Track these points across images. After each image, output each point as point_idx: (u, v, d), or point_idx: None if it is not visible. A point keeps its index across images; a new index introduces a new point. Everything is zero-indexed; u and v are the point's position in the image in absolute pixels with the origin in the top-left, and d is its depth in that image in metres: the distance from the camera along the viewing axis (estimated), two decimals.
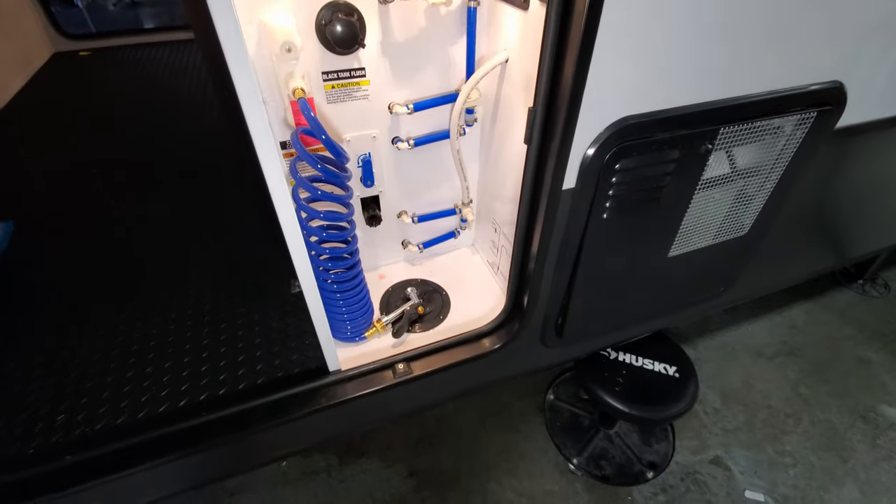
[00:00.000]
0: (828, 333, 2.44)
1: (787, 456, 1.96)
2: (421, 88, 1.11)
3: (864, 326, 2.46)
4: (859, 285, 2.66)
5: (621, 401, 1.53)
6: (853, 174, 1.25)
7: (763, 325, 2.47)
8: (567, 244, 0.95)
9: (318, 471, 1.88)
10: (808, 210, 1.30)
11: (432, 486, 1.85)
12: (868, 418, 2.10)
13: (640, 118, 0.79)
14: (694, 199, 1.00)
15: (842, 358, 2.32)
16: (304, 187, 0.95)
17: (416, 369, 1.09)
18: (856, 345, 2.38)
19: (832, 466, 1.93)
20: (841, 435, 2.04)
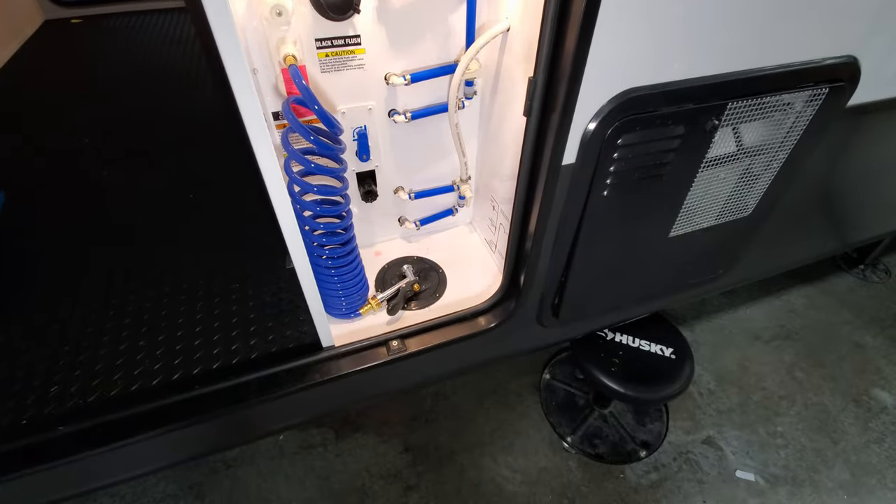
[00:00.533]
0: (826, 318, 2.43)
1: (778, 437, 1.98)
2: (418, 58, 1.07)
3: (863, 311, 2.46)
4: (860, 270, 2.65)
5: (617, 381, 1.53)
6: (861, 155, 1.22)
7: (761, 308, 2.46)
8: (565, 222, 0.92)
9: (315, 444, 1.91)
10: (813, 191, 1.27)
11: (428, 462, 1.87)
12: (861, 402, 2.11)
13: (645, 91, 0.75)
14: (698, 177, 0.97)
15: (838, 342, 2.32)
16: (297, 160, 0.93)
17: (410, 346, 1.08)
18: (853, 329, 2.38)
19: (823, 448, 1.95)
20: (833, 418, 2.05)
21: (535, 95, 0.76)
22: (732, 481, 1.83)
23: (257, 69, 0.96)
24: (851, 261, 2.67)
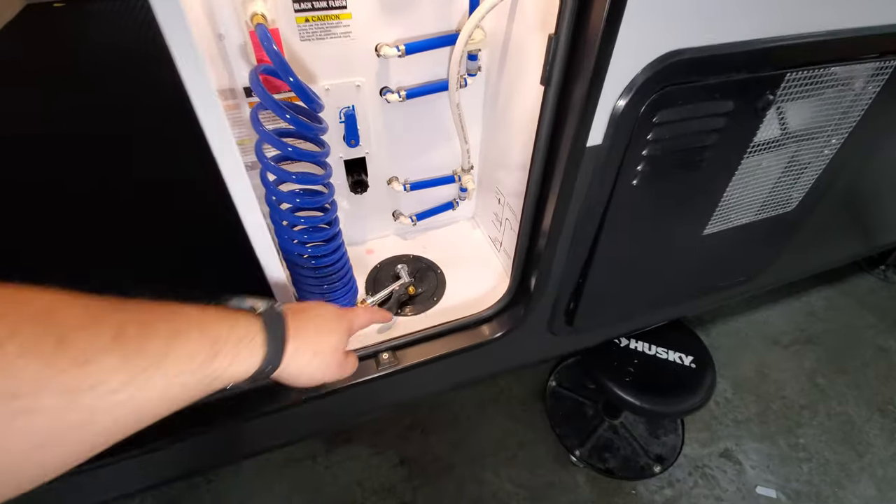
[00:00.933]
0: (847, 321, 2.30)
1: (800, 450, 1.85)
2: (414, 26, 0.92)
3: (886, 314, 2.33)
4: (881, 271, 2.51)
5: (632, 393, 1.39)
6: None
7: (780, 310, 2.33)
8: (587, 216, 0.78)
9: (303, 457, 1.77)
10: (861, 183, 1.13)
11: (424, 475, 1.74)
12: (886, 411, 1.98)
13: (692, 54, 0.61)
14: (742, 165, 0.83)
15: (861, 347, 2.19)
16: (270, 142, 0.78)
17: (403, 359, 0.94)
18: (877, 333, 2.25)
19: (848, 462, 1.82)
20: (858, 428, 1.92)
21: (555, 58, 0.61)
22: (752, 498, 1.70)
23: (224, 34, 0.81)
24: (872, 261, 2.53)
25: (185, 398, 0.39)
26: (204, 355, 0.40)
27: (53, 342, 0.30)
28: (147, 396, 0.35)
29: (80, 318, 0.32)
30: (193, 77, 0.53)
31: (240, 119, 0.91)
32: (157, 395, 0.36)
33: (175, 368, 0.37)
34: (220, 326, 0.43)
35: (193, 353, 0.39)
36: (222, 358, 0.42)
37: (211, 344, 0.41)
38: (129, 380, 0.34)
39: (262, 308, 0.50)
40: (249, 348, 0.46)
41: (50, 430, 0.30)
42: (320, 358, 0.56)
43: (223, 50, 0.82)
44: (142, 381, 0.35)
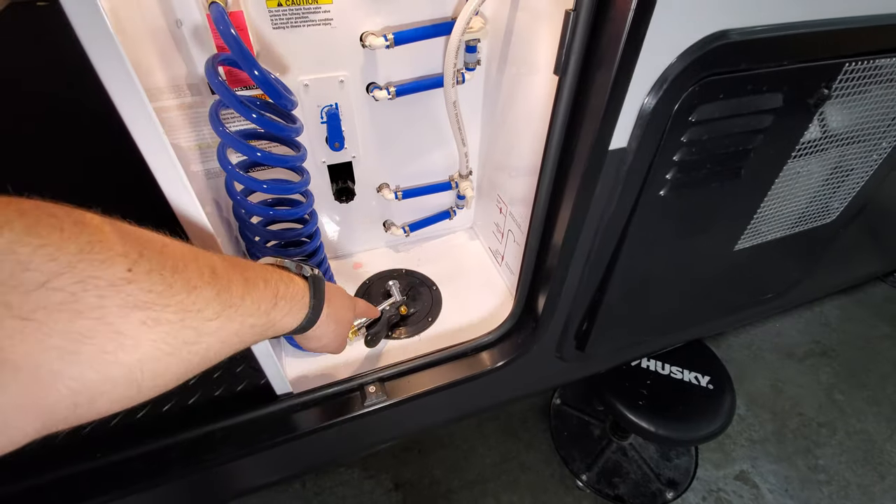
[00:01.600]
0: (863, 332, 2.20)
1: (820, 471, 1.74)
2: (404, 12, 0.81)
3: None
4: (895, 278, 2.42)
5: (645, 418, 1.28)
6: None
7: (793, 322, 2.22)
8: (606, 230, 0.66)
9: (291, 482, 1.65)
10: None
11: (421, 501, 1.62)
12: None
13: (740, 36, 0.49)
14: (784, 171, 0.72)
15: (879, 360, 2.09)
16: (234, 145, 0.66)
17: (392, 393, 0.82)
18: (893, 345, 2.15)
19: (869, 484, 1.72)
20: (879, 448, 1.82)
21: (573, 41, 0.49)
22: None
23: (182, 20, 0.69)
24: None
25: (251, 339, 0.44)
26: (267, 305, 0.45)
27: (171, 268, 0.35)
28: (229, 330, 0.40)
29: (184, 252, 0.38)
30: (102, 54, 0.42)
31: (204, 118, 0.79)
32: (234, 331, 0.41)
33: (248, 311, 0.42)
34: (279, 283, 0.48)
35: (260, 301, 0.44)
36: (278, 310, 0.47)
37: (273, 296, 0.47)
38: (221, 311, 0.39)
39: (310, 273, 0.56)
40: (299, 305, 0.51)
41: (170, 341, 0.34)
42: (340, 328, 0.62)
43: (181, 39, 0.71)
44: (228, 315, 0.39)
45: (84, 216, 0.31)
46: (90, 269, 0.29)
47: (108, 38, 0.41)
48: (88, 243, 0.30)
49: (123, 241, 0.32)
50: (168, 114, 0.75)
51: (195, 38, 0.71)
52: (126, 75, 0.43)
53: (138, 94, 0.44)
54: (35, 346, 0.28)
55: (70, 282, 0.28)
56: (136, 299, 0.32)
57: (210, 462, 0.73)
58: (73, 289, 0.28)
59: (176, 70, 0.73)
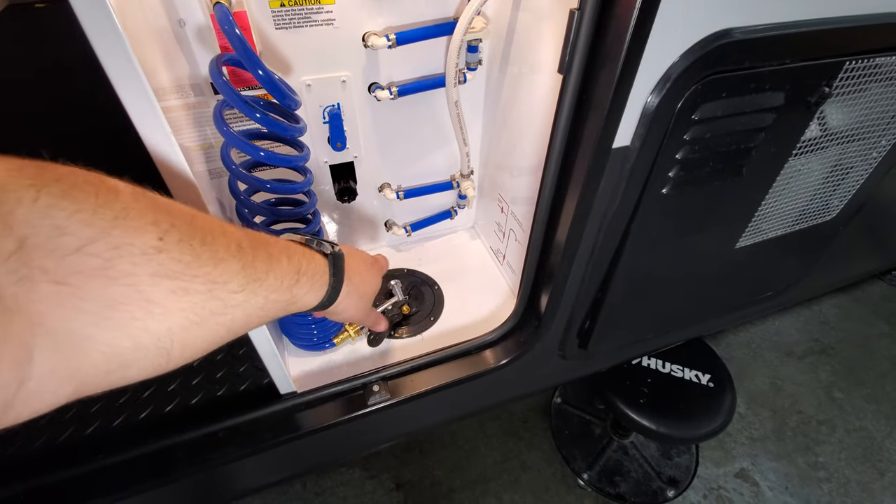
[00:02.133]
0: (861, 330, 2.21)
1: (820, 469, 1.74)
2: (406, 12, 0.81)
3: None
4: (893, 276, 2.43)
5: (647, 416, 1.28)
6: None
7: (791, 320, 2.23)
8: (609, 228, 0.67)
9: (291, 482, 1.65)
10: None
11: (422, 501, 1.62)
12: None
13: (745, 34, 0.50)
14: (784, 169, 0.72)
15: (877, 358, 2.10)
16: (237, 145, 0.66)
17: (396, 392, 0.82)
18: (892, 343, 2.16)
19: (869, 481, 1.72)
20: (878, 445, 1.83)
21: (578, 40, 0.50)
22: None
23: (185, 20, 0.69)
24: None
25: (273, 314, 0.44)
26: (289, 281, 0.46)
27: (199, 240, 0.35)
28: (254, 304, 0.40)
29: (212, 226, 0.37)
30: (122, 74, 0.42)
31: (206, 118, 0.79)
32: (259, 305, 0.41)
33: (271, 286, 0.42)
34: (301, 260, 0.48)
35: (283, 276, 0.44)
36: (300, 287, 0.47)
37: (295, 272, 0.47)
38: (246, 285, 0.39)
39: (330, 250, 0.56)
40: (320, 283, 0.51)
41: (198, 311, 0.35)
42: (362, 302, 0.62)
43: (184, 39, 0.71)
44: (252, 289, 0.40)
45: (118, 184, 0.31)
46: (125, 236, 0.29)
47: (117, 38, 0.41)
48: (123, 209, 0.30)
49: (155, 210, 0.32)
50: (172, 114, 0.75)
51: (198, 37, 0.71)
52: (135, 76, 0.43)
53: (147, 94, 0.45)
54: (70, 311, 0.28)
55: (105, 248, 0.29)
56: (166, 269, 0.32)
57: (215, 461, 0.73)
58: (108, 255, 0.29)
59: (179, 70, 0.73)
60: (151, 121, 0.46)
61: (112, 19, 0.41)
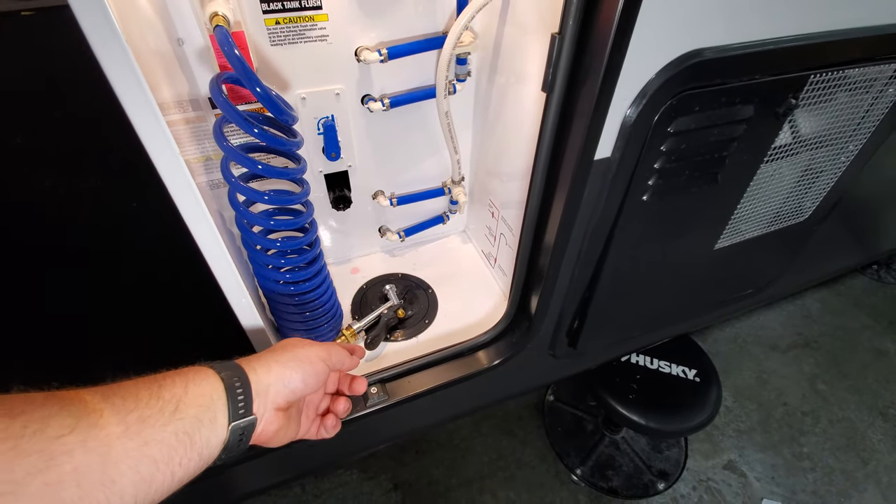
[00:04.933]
0: (844, 323, 2.28)
1: (805, 459, 1.80)
2: (398, 28, 0.84)
3: (881, 315, 2.31)
4: (874, 271, 2.50)
5: (636, 411, 1.32)
6: None
7: (775, 314, 2.29)
8: (594, 234, 0.71)
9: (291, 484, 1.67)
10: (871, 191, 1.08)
11: (420, 501, 1.65)
12: (888, 415, 1.95)
13: (715, 53, 0.54)
14: (757, 175, 0.76)
15: (859, 350, 2.17)
16: (237, 159, 0.69)
17: (394, 393, 0.85)
18: (873, 335, 2.23)
19: (853, 470, 1.78)
20: (861, 434, 1.89)
21: (559, 61, 0.53)
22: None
23: (183, 39, 0.72)
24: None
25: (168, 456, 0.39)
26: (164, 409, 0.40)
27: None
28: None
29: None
30: (129, 92, 0.44)
31: (205, 132, 0.82)
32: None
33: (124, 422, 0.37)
34: (175, 389, 0.42)
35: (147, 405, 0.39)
36: (185, 412, 0.42)
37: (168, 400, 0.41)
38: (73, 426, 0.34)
39: (224, 371, 0.47)
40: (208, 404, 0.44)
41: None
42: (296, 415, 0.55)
43: (183, 56, 0.73)
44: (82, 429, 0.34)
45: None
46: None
47: (125, 56, 0.43)
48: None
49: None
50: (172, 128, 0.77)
51: (195, 55, 0.74)
52: (142, 92, 0.46)
53: (153, 110, 0.47)
54: None
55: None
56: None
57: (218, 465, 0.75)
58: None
59: (178, 86, 0.76)
60: (158, 136, 0.49)
61: (119, 37, 0.43)
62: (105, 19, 0.41)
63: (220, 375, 0.45)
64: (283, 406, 0.51)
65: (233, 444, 0.45)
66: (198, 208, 0.52)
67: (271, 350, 0.54)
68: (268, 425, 0.50)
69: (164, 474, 0.37)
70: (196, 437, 0.40)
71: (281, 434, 0.52)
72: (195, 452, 0.40)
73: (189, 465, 0.40)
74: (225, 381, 0.45)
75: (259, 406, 0.48)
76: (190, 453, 0.40)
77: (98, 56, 0.43)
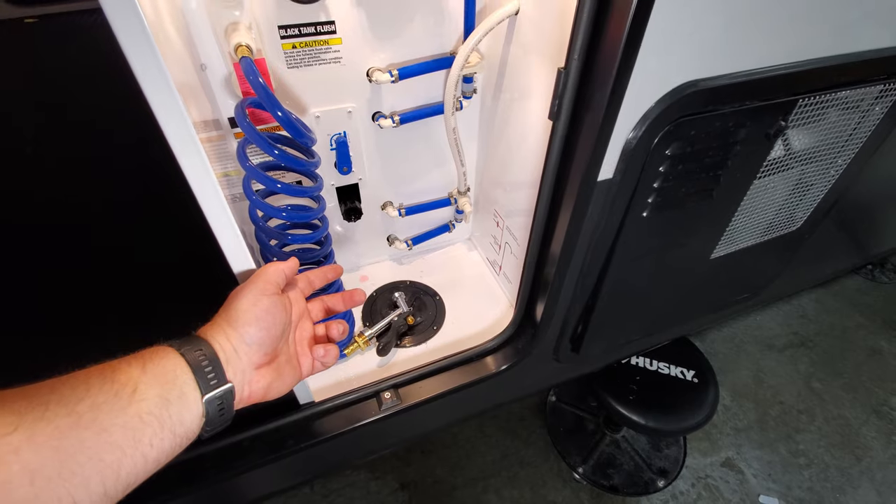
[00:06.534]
0: (839, 323, 2.32)
1: (800, 456, 1.85)
2: (408, 49, 0.88)
3: (876, 315, 2.35)
4: (868, 270, 2.54)
5: (636, 412, 1.37)
6: None
7: (772, 314, 2.34)
8: (597, 246, 0.75)
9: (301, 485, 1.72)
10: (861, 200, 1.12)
11: (425, 500, 1.70)
12: (882, 413, 2.00)
13: (708, 84, 0.58)
14: (750, 190, 0.81)
15: (854, 349, 2.21)
16: (257, 178, 0.73)
17: (406, 398, 0.89)
18: (868, 334, 2.28)
19: (847, 466, 1.83)
20: (855, 431, 1.94)
21: (565, 93, 0.57)
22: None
23: (206, 64, 0.76)
24: None
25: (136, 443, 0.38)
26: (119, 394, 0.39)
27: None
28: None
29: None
30: (164, 106, 0.48)
31: (225, 151, 0.86)
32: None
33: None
34: (131, 371, 0.41)
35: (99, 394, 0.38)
36: (145, 393, 0.41)
37: (123, 385, 0.40)
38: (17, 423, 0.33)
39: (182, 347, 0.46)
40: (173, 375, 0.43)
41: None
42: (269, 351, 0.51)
43: (205, 81, 0.77)
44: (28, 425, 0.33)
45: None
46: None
47: (164, 78, 0.46)
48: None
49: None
50: None
51: (217, 80, 0.78)
52: (179, 112, 0.49)
53: (189, 129, 0.50)
54: None
55: None
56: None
57: (240, 468, 0.80)
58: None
59: (201, 108, 0.80)
60: (192, 154, 0.52)
61: (160, 62, 0.46)
62: (152, 54, 0.44)
63: (179, 351, 0.44)
64: (264, 361, 0.50)
65: (213, 415, 0.44)
66: (226, 219, 0.56)
67: (222, 311, 0.51)
68: (254, 385, 0.49)
69: (132, 458, 0.36)
70: (164, 417, 0.39)
71: (277, 386, 0.51)
72: (167, 431, 0.39)
73: (162, 445, 0.39)
74: (186, 355, 0.43)
75: (234, 371, 0.46)
76: (160, 433, 0.39)
77: (143, 86, 0.46)
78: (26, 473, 0.30)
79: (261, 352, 0.49)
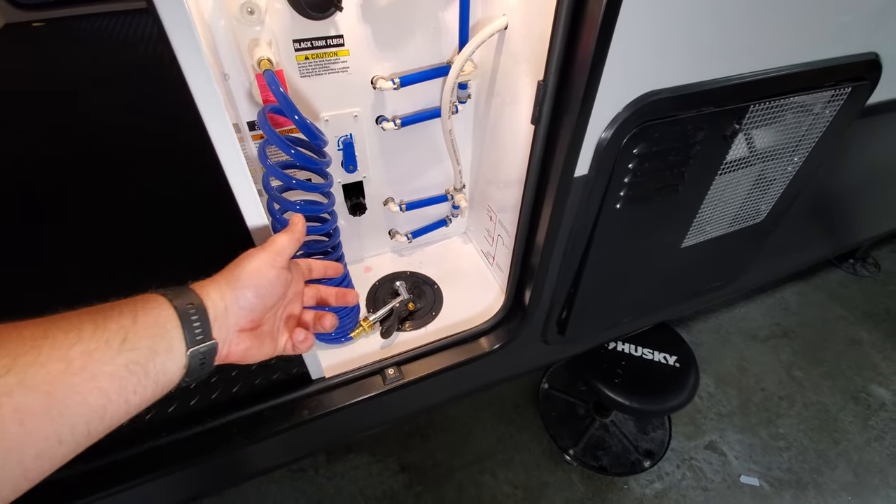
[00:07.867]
0: (820, 314, 2.42)
1: (780, 439, 1.95)
2: (408, 60, 0.97)
3: (856, 307, 2.45)
4: (850, 265, 2.64)
5: (621, 394, 1.47)
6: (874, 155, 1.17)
7: (756, 306, 2.44)
8: (576, 236, 0.85)
9: (305, 468, 1.81)
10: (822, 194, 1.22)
11: (425, 481, 1.79)
12: (859, 399, 2.10)
13: (667, 94, 0.68)
14: (713, 186, 0.90)
15: (834, 339, 2.31)
16: (275, 175, 0.83)
17: (407, 374, 0.99)
18: (848, 325, 2.38)
19: (825, 449, 1.93)
20: (833, 416, 2.04)
21: (544, 101, 0.67)
22: (737, 487, 1.79)
23: (229, 74, 0.85)
24: (841, 255, 2.66)
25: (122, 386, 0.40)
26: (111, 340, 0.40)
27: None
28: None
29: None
30: (212, 112, 0.57)
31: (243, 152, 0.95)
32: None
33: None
34: (122, 318, 0.42)
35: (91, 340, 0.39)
36: (135, 341, 0.42)
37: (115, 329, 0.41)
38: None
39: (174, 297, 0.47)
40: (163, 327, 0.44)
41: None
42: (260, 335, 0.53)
43: (227, 89, 0.87)
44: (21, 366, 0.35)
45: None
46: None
47: (211, 86, 0.55)
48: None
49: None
50: None
51: (238, 87, 0.87)
52: (222, 115, 0.58)
53: (229, 129, 0.60)
54: None
55: None
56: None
57: (262, 434, 0.89)
58: None
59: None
60: (231, 149, 0.62)
61: (207, 71, 0.55)
62: (201, 62, 0.53)
63: (172, 303, 0.44)
64: (248, 326, 0.51)
65: (195, 367, 0.45)
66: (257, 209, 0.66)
67: (226, 270, 0.52)
68: (234, 347, 0.50)
69: (116, 404, 0.38)
70: (150, 367, 0.40)
71: (253, 352, 0.52)
72: (150, 381, 0.41)
73: (145, 393, 0.41)
74: (178, 308, 0.44)
75: (220, 330, 0.47)
76: (144, 381, 0.40)
77: (190, 85, 0.55)
78: (17, 415, 0.32)
79: (249, 317, 0.51)
